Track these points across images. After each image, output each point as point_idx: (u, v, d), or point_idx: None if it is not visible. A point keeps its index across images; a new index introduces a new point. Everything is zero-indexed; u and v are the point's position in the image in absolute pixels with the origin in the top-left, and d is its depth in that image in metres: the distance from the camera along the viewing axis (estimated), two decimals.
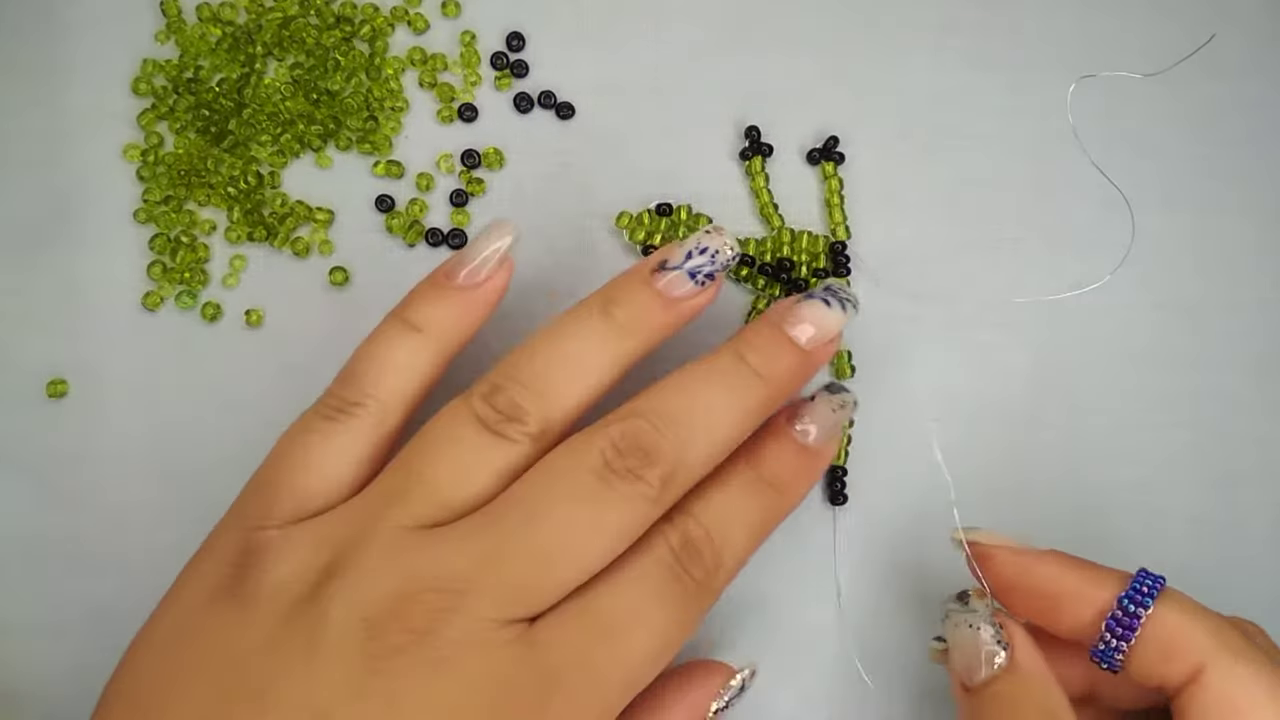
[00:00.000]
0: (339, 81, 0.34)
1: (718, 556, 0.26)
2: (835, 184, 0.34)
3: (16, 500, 0.32)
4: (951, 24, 0.35)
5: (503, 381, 0.26)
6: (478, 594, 0.23)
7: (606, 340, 0.27)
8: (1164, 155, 0.35)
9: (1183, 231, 0.34)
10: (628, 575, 0.25)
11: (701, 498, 0.27)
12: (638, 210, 0.33)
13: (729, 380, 0.27)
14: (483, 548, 0.24)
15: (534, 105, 0.34)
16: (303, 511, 0.25)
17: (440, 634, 0.23)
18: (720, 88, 0.34)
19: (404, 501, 0.25)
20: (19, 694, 0.31)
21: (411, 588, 0.23)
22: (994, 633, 0.26)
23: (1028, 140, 0.35)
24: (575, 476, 0.25)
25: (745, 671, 0.28)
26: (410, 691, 0.23)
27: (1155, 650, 0.25)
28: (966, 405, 0.33)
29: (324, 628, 0.23)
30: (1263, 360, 0.34)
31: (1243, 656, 0.24)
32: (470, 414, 0.26)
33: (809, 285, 0.33)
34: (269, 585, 0.24)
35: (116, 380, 0.32)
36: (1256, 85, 0.35)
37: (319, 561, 0.24)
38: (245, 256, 0.33)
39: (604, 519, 0.25)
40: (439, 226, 0.34)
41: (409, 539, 0.24)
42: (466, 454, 0.25)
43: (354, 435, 0.26)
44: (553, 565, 0.24)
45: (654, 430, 0.25)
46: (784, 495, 0.28)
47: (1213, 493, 0.33)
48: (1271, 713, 0.24)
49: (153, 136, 0.33)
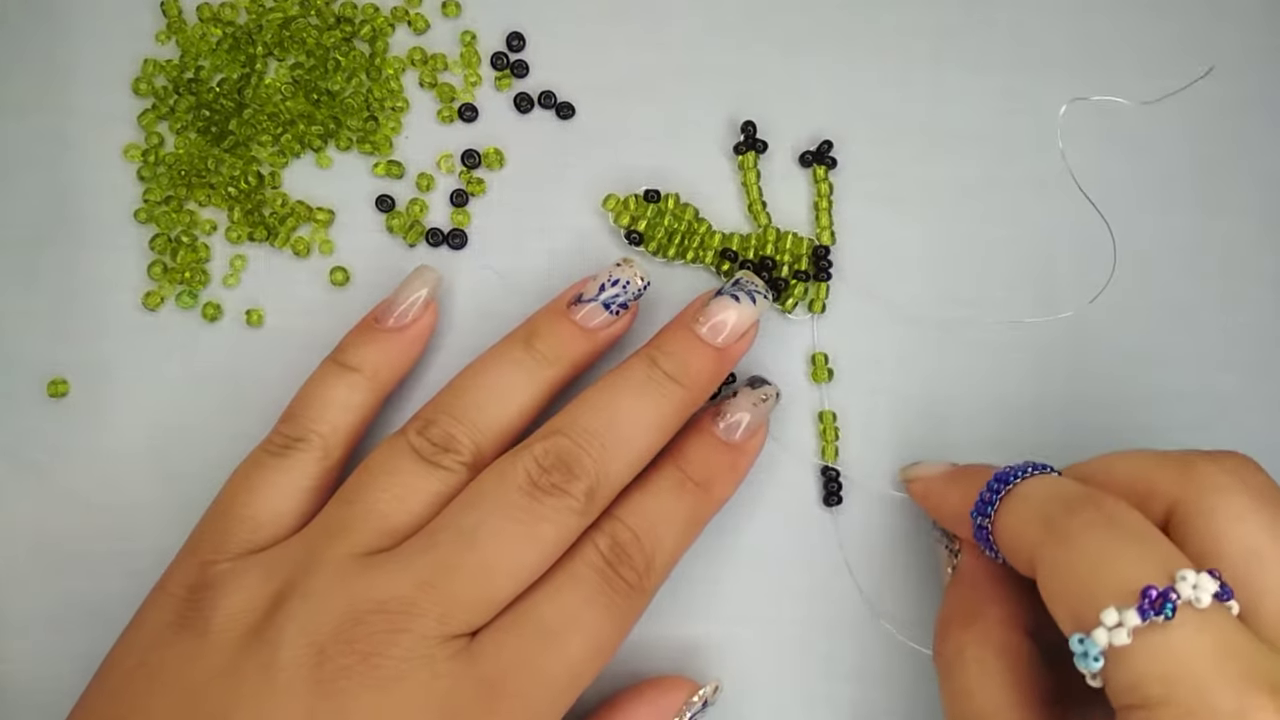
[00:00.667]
0: (339, 81, 0.34)
1: (648, 558, 0.27)
2: (825, 188, 0.34)
3: (17, 499, 0.32)
4: (949, 29, 0.35)
5: (435, 415, 0.28)
6: (420, 614, 0.25)
7: (530, 371, 0.29)
8: (1164, 155, 0.35)
9: (1182, 231, 0.34)
10: (561, 582, 0.27)
11: (629, 501, 0.28)
12: (625, 195, 0.33)
13: (645, 389, 0.28)
14: (423, 570, 0.25)
15: (534, 105, 0.34)
16: (253, 544, 0.27)
17: (386, 654, 0.24)
18: (720, 88, 0.34)
19: (347, 531, 0.26)
20: (19, 691, 0.31)
21: (357, 611, 0.25)
22: (946, 544, 0.30)
23: (1019, 152, 0.34)
24: (504, 495, 0.26)
25: (708, 688, 0.29)
26: (360, 710, 0.24)
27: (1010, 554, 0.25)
28: (963, 406, 0.33)
29: (276, 654, 0.24)
30: (1262, 360, 0.34)
31: (1059, 534, 0.24)
32: (406, 447, 0.28)
33: (789, 285, 0.33)
34: (222, 615, 0.25)
35: (116, 380, 0.32)
36: (1257, 85, 0.35)
37: (269, 590, 0.26)
38: (246, 256, 0.33)
39: (535, 532, 0.26)
40: (439, 226, 0.34)
41: (353, 566, 0.26)
42: (404, 483, 0.27)
43: (299, 470, 0.28)
44: (490, 580, 0.26)
45: (575, 446, 0.27)
46: (710, 493, 0.29)
47: None
48: (1084, 594, 0.23)
49: (153, 136, 0.33)
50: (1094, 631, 0.22)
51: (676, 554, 0.28)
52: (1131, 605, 0.22)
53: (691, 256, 0.33)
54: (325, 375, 0.30)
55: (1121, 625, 0.22)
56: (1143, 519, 0.24)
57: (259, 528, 0.27)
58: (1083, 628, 0.22)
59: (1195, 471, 0.25)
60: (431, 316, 0.31)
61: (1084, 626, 0.22)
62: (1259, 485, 0.25)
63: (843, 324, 0.34)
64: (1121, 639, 0.22)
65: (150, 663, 0.25)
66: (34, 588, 0.32)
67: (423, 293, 0.31)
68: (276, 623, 0.25)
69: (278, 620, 0.25)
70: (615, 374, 0.29)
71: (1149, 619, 0.22)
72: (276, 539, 0.27)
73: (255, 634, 0.25)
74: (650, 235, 0.33)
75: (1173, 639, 0.22)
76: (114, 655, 0.27)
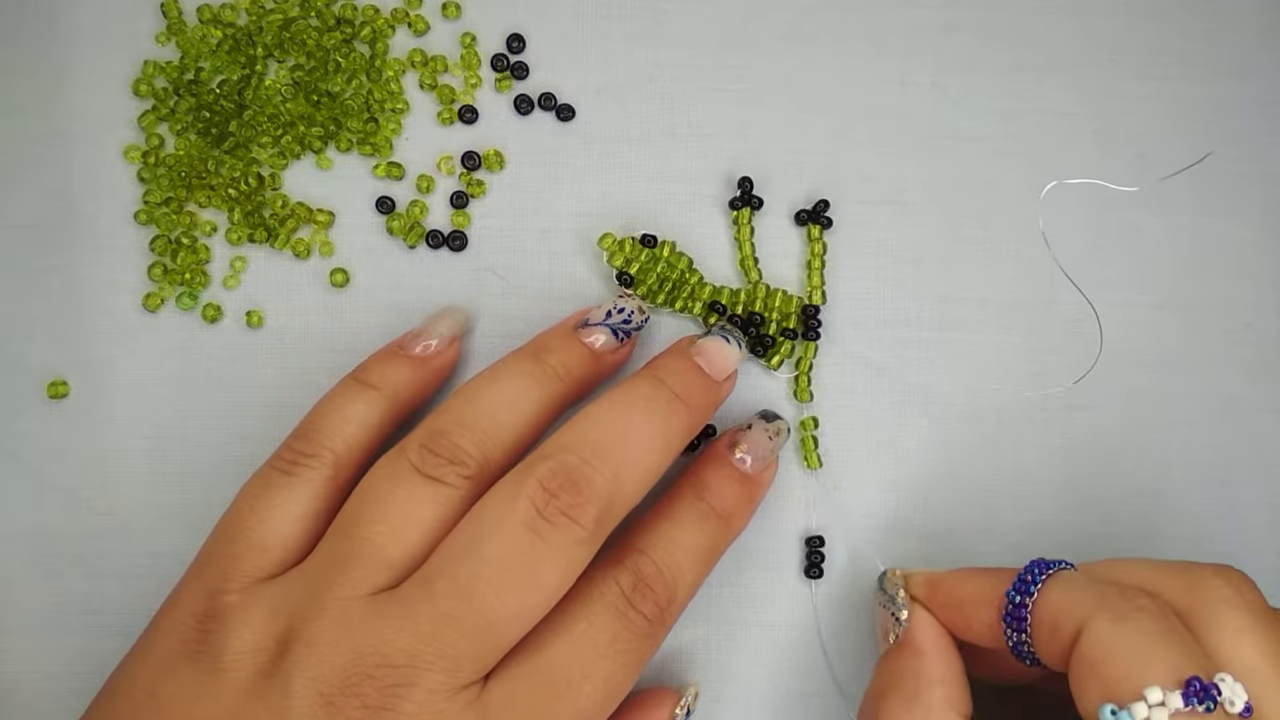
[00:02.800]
0: (339, 83, 0.34)
1: (670, 591, 0.27)
2: (819, 247, 0.33)
3: (17, 500, 0.32)
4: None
5: (442, 424, 0.27)
6: (426, 668, 0.24)
7: (541, 382, 0.28)
8: (1164, 155, 0.35)
9: (1183, 231, 0.34)
10: (577, 626, 0.26)
11: (652, 532, 0.28)
12: (622, 235, 0.33)
13: (654, 406, 0.28)
14: (423, 621, 0.25)
15: (534, 107, 0.34)
16: (260, 572, 0.26)
17: (397, 709, 0.24)
18: (721, 88, 0.34)
19: (348, 570, 0.26)
20: (19, 692, 0.31)
21: (362, 664, 0.24)
22: (894, 611, 0.29)
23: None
24: (506, 534, 0.25)
25: (689, 694, 0.29)
26: None
27: (1047, 629, 0.25)
28: (961, 405, 0.33)
29: (286, 702, 0.24)
30: (1262, 360, 0.34)
31: (1115, 614, 0.24)
32: (406, 467, 0.27)
33: (776, 342, 0.33)
34: (231, 653, 0.25)
35: (117, 381, 0.32)
36: (1256, 85, 0.35)
37: (275, 630, 0.25)
38: (246, 258, 0.33)
39: (540, 574, 0.25)
40: (439, 228, 0.34)
41: (355, 611, 0.25)
42: (403, 512, 0.26)
43: (308, 491, 0.28)
44: (492, 631, 0.25)
45: (584, 464, 0.26)
46: (729, 524, 0.29)
47: (1212, 492, 0.33)
48: (1128, 669, 0.23)
49: (153, 138, 0.33)
50: (1133, 705, 0.23)
51: (695, 587, 0.28)
52: (1175, 690, 0.23)
53: (680, 306, 0.33)
54: (344, 391, 0.29)
55: (1164, 705, 0.23)
56: (1182, 618, 0.25)
57: (266, 553, 0.27)
58: (1117, 699, 0.23)
59: (1201, 584, 0.26)
60: (454, 354, 0.31)
61: (1120, 699, 0.23)
62: (1257, 602, 0.26)
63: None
64: (1160, 718, 0.22)
65: (159, 695, 0.25)
66: (33, 588, 0.32)
67: (452, 332, 0.31)
68: (283, 670, 0.24)
69: (284, 668, 0.24)
70: (619, 390, 0.28)
71: (1190, 706, 0.23)
72: (285, 564, 0.27)
73: (264, 678, 0.24)
74: (642, 279, 0.32)
75: None
76: (121, 679, 0.26)
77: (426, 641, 0.24)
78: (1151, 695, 0.23)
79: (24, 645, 0.31)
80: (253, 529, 0.27)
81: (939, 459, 0.33)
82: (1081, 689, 0.24)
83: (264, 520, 0.27)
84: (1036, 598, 0.26)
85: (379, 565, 0.26)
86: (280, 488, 0.28)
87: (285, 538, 0.27)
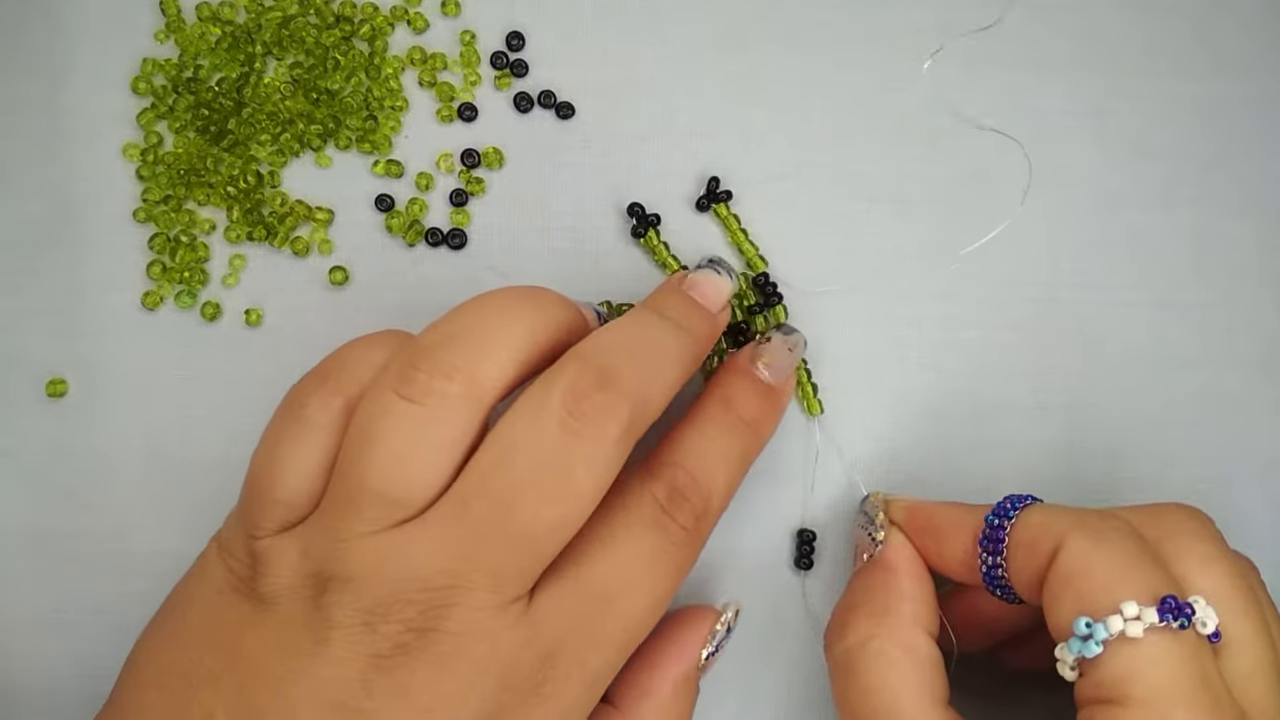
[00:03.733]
0: (339, 81, 0.34)
1: (706, 500, 0.27)
2: (734, 222, 0.33)
3: (17, 499, 0.32)
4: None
5: (425, 343, 0.26)
6: (470, 587, 0.24)
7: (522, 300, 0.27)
8: (1164, 155, 0.35)
9: (1183, 231, 0.34)
10: (618, 541, 0.26)
11: (683, 443, 0.28)
12: None
13: (664, 327, 0.27)
14: (460, 541, 0.24)
15: (534, 105, 0.34)
16: (287, 519, 0.26)
17: (441, 629, 0.23)
18: (721, 88, 0.34)
19: (358, 510, 0.24)
20: (19, 691, 0.31)
21: (402, 591, 0.24)
22: (871, 533, 0.30)
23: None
24: (538, 439, 0.24)
25: (730, 612, 0.29)
26: (418, 686, 0.23)
27: (1022, 551, 0.26)
28: (961, 405, 0.33)
29: (328, 633, 0.24)
30: (1263, 360, 0.34)
31: (1092, 532, 0.25)
32: (388, 392, 0.25)
33: (750, 326, 0.33)
34: (274, 591, 0.25)
35: (116, 380, 0.32)
36: (1256, 85, 0.35)
37: (309, 569, 0.25)
38: (245, 256, 0.33)
39: (574, 481, 0.24)
40: (439, 226, 0.34)
41: (384, 545, 0.24)
42: (402, 443, 0.25)
43: (326, 438, 0.26)
44: (535, 544, 0.24)
45: (610, 367, 0.25)
46: (758, 432, 0.29)
47: (1212, 492, 0.33)
48: (1104, 583, 0.24)
49: (152, 136, 0.33)
50: (1108, 618, 0.23)
51: (729, 495, 0.28)
52: (1151, 606, 0.23)
53: None
54: (365, 341, 0.27)
55: (1139, 619, 0.23)
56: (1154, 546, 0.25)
57: (291, 507, 0.26)
58: (1093, 613, 0.23)
59: (1167, 516, 0.26)
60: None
61: (1095, 612, 0.23)
62: (1219, 537, 0.26)
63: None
64: (1135, 631, 0.23)
65: (215, 622, 0.25)
66: (33, 587, 0.32)
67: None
68: (324, 604, 0.24)
69: (324, 602, 0.24)
70: (626, 318, 0.28)
71: (1166, 622, 0.23)
72: (311, 507, 0.26)
73: (307, 613, 0.24)
74: None
75: (1173, 651, 0.23)
76: (179, 601, 0.26)
77: (465, 561, 0.24)
78: (1128, 609, 0.23)
79: (24, 645, 0.31)
80: (273, 482, 0.26)
81: (938, 459, 0.33)
82: (1056, 604, 0.24)
83: (282, 471, 0.26)
84: (1015, 520, 0.26)
85: (390, 503, 0.24)
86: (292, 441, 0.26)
87: (308, 483, 0.26)
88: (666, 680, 0.28)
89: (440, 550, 0.24)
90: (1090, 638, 0.23)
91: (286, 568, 0.25)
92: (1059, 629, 0.24)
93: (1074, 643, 0.24)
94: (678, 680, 0.28)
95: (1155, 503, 0.27)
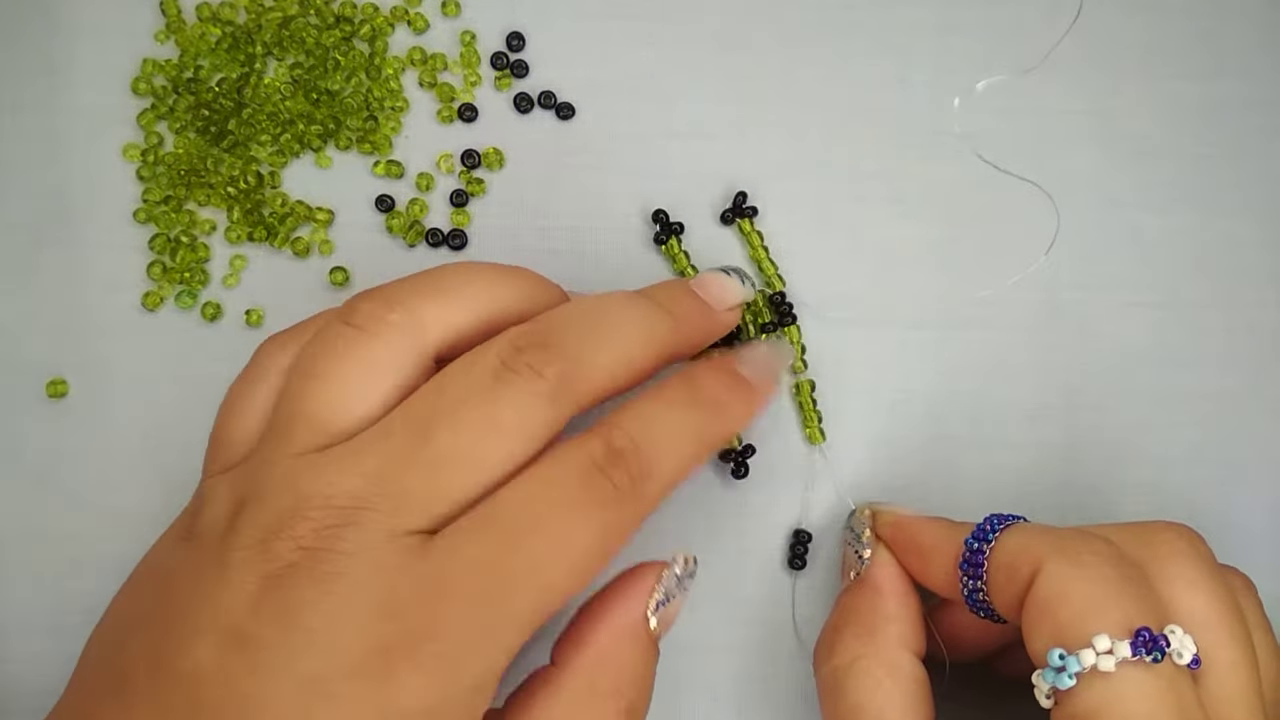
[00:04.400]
0: (339, 81, 0.34)
1: (645, 465, 0.25)
2: (756, 238, 0.33)
3: (16, 500, 0.32)
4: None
5: (382, 285, 0.26)
6: (372, 509, 0.23)
7: (490, 266, 0.27)
8: (1163, 155, 0.35)
9: (1183, 231, 0.34)
10: (533, 479, 0.24)
11: (631, 408, 0.26)
12: None
13: (633, 301, 0.27)
14: (374, 463, 0.24)
15: (534, 105, 0.34)
16: (229, 461, 0.26)
17: (333, 549, 0.23)
18: (720, 88, 0.34)
19: (289, 434, 0.25)
20: (18, 693, 0.31)
21: (304, 506, 0.23)
22: (857, 549, 0.30)
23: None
24: (469, 379, 0.25)
25: (679, 560, 0.27)
26: (301, 604, 0.22)
27: (1002, 574, 0.26)
28: (961, 405, 0.33)
29: (229, 554, 0.23)
30: (1262, 360, 0.34)
31: (1071, 558, 0.24)
32: (337, 323, 0.26)
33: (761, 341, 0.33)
34: (201, 526, 0.25)
35: (116, 380, 0.32)
36: (1256, 85, 0.35)
37: (234, 498, 0.24)
38: (245, 256, 0.33)
39: (498, 417, 0.24)
40: (439, 227, 0.34)
41: (302, 463, 0.24)
42: (336, 367, 0.25)
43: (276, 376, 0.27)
44: (446, 471, 0.24)
45: (556, 329, 0.25)
46: (718, 414, 0.27)
47: (1212, 492, 0.33)
48: (1080, 614, 0.23)
49: (152, 136, 0.33)
50: (1081, 651, 0.23)
51: (680, 470, 0.26)
52: (1125, 639, 0.23)
53: None
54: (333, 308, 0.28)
55: (1111, 654, 0.23)
56: (1139, 568, 0.25)
57: (233, 446, 0.26)
58: (1067, 645, 0.23)
59: (1154, 537, 0.26)
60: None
61: (1069, 644, 0.23)
62: (1208, 557, 0.26)
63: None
64: (1107, 665, 0.23)
65: (156, 568, 0.25)
66: (33, 588, 0.32)
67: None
68: (235, 527, 0.24)
69: (236, 524, 0.24)
70: (599, 294, 0.27)
71: (1138, 655, 0.23)
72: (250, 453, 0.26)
73: (220, 539, 0.24)
74: None
75: (1147, 683, 0.23)
76: (140, 564, 0.26)
77: (373, 481, 0.23)
78: (1100, 643, 0.23)
79: (24, 645, 0.31)
80: (221, 427, 0.27)
81: (938, 458, 0.33)
82: (1033, 630, 0.24)
83: (229, 419, 0.27)
84: (994, 543, 0.26)
85: (314, 425, 0.25)
86: (249, 379, 0.27)
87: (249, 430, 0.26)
88: (606, 629, 0.25)
89: (352, 470, 0.24)
90: (1064, 670, 0.23)
91: (217, 503, 0.25)
92: (1036, 656, 0.24)
93: (1048, 673, 0.23)
94: (618, 629, 0.26)
95: (1146, 521, 0.27)
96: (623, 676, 0.25)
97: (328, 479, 0.24)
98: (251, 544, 0.23)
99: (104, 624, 0.26)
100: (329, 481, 0.24)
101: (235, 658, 0.22)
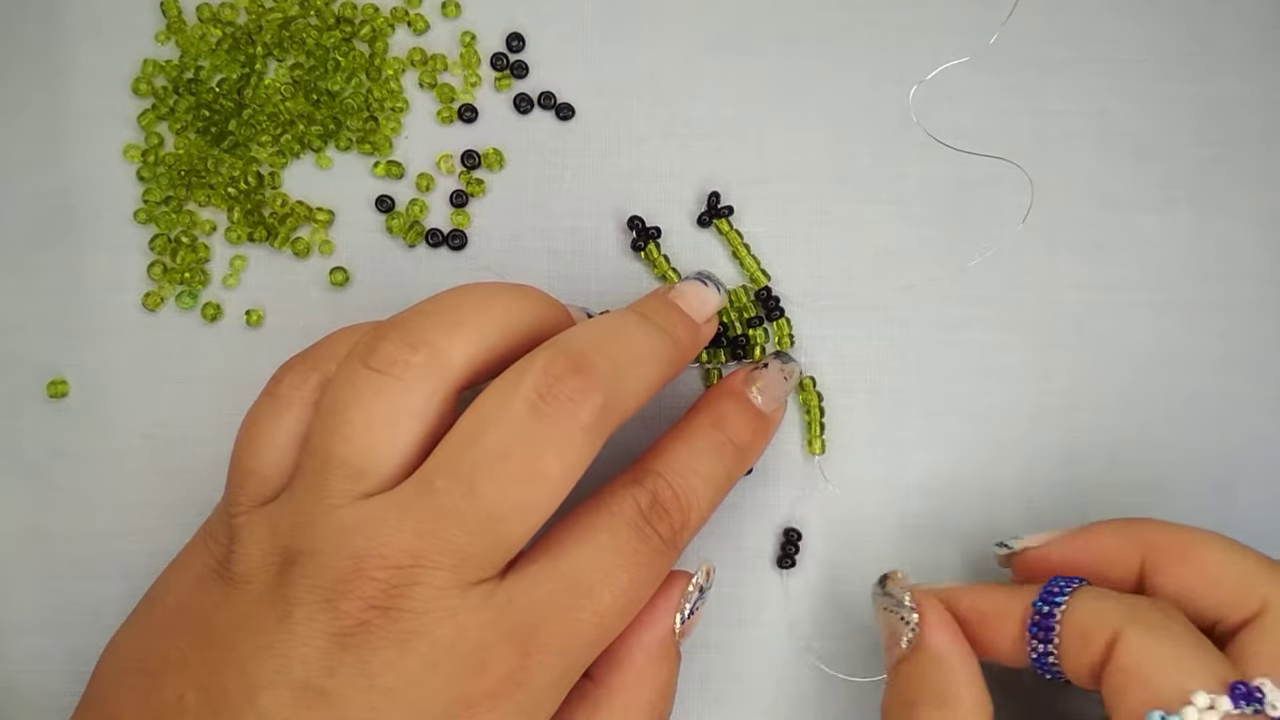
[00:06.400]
0: (339, 82, 0.34)
1: (685, 515, 0.27)
2: (735, 237, 0.33)
3: (16, 500, 0.32)
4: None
5: (394, 320, 0.26)
6: (433, 567, 0.24)
7: (500, 288, 0.27)
8: (1164, 155, 0.35)
9: (1183, 231, 0.34)
10: (597, 533, 0.26)
11: (670, 456, 0.28)
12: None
13: (645, 327, 0.28)
14: (424, 520, 0.24)
15: (534, 106, 0.34)
16: (261, 496, 0.26)
17: (402, 607, 0.23)
18: (719, 89, 0.34)
19: (324, 481, 0.25)
20: (18, 692, 0.31)
21: (364, 566, 0.23)
22: (902, 615, 0.28)
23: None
24: (507, 420, 0.24)
25: (700, 573, 0.29)
26: (381, 664, 0.23)
27: (1076, 641, 0.26)
28: (961, 405, 0.33)
29: (291, 610, 0.24)
30: (1262, 360, 0.34)
31: (1149, 625, 0.25)
32: (357, 365, 0.25)
33: (750, 340, 0.33)
34: (243, 568, 0.25)
35: (116, 380, 0.33)
36: (1256, 85, 0.35)
37: (278, 545, 0.25)
38: (245, 257, 0.33)
39: (541, 463, 0.24)
40: (439, 227, 0.34)
41: (348, 518, 0.24)
42: (365, 411, 0.25)
43: (295, 417, 0.26)
44: (499, 526, 0.24)
45: (586, 352, 0.25)
46: (744, 456, 0.29)
47: (1212, 492, 0.33)
48: (1171, 675, 0.24)
49: (153, 137, 0.33)
50: (1184, 709, 0.23)
51: (708, 514, 0.28)
52: (1222, 694, 0.23)
53: None
54: (351, 327, 0.28)
55: (1213, 709, 0.23)
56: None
57: (265, 481, 0.26)
58: (1165, 705, 0.24)
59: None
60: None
61: (1168, 704, 0.24)
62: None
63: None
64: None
65: (189, 606, 0.25)
66: (33, 588, 0.32)
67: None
68: (289, 579, 0.24)
69: (290, 577, 0.24)
70: (608, 315, 0.28)
71: (1240, 708, 0.23)
72: (286, 481, 0.26)
73: (273, 589, 0.24)
74: None
75: None
76: (158, 590, 0.27)
77: (428, 539, 0.24)
78: (1199, 699, 0.23)
79: (24, 645, 0.31)
80: (249, 458, 0.26)
81: (937, 458, 0.33)
82: (1120, 695, 0.24)
83: (258, 451, 0.26)
84: (1065, 608, 0.26)
85: (348, 472, 0.25)
86: (268, 418, 0.27)
87: (280, 463, 0.26)
88: (640, 647, 0.27)
89: (404, 526, 0.24)
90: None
91: (256, 545, 0.25)
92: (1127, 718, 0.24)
93: None
94: (651, 647, 0.27)
95: (1182, 526, 0.27)
96: (655, 691, 0.27)
97: (381, 539, 0.24)
98: (314, 601, 0.24)
99: (122, 652, 0.26)
100: (384, 541, 0.24)
101: (310, 714, 0.23)
